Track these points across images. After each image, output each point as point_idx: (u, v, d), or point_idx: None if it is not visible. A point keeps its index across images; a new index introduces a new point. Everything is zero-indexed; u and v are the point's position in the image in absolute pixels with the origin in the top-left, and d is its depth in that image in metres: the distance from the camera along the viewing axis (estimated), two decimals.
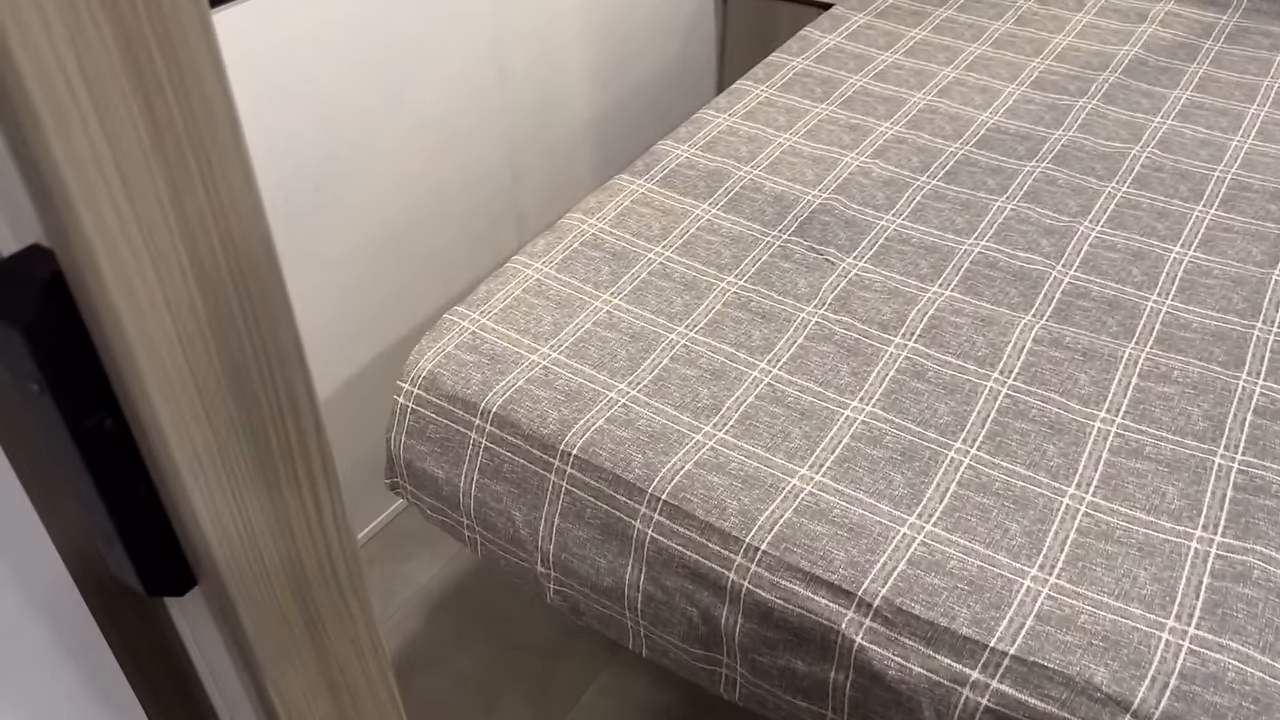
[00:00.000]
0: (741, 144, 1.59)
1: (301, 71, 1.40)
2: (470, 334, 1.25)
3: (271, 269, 0.53)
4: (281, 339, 0.58)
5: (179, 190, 0.42)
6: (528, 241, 2.01)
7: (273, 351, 0.57)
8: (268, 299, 0.52)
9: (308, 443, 0.61)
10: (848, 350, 1.21)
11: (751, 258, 1.36)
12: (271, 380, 0.57)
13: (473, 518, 1.19)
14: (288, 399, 0.58)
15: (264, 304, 0.53)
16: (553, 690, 1.57)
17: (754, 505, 1.03)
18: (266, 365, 0.56)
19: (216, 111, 0.42)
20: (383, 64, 1.53)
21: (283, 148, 1.41)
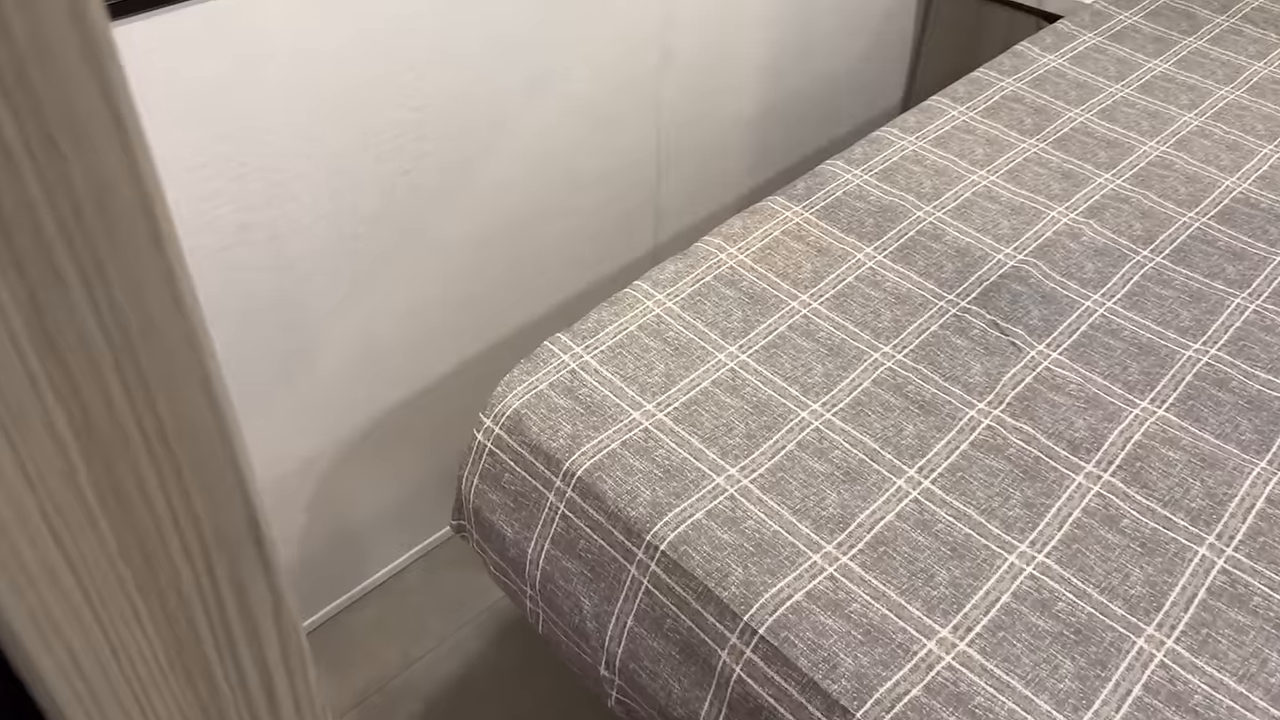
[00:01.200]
0: (927, 176, 1.34)
1: (434, 41, 1.23)
2: (568, 372, 1.06)
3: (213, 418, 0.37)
4: (223, 509, 0.41)
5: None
6: (664, 243, 1.81)
7: (206, 525, 0.40)
8: (203, 459, 0.36)
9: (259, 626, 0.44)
10: (1023, 472, 0.97)
11: (917, 325, 1.12)
12: (203, 558, 0.40)
13: (537, 590, 1.02)
14: (229, 581, 0.41)
15: (197, 465, 0.37)
16: None
17: (874, 669, 0.82)
18: (195, 541, 0.40)
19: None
20: (530, 36, 1.34)
21: (408, 119, 1.25)
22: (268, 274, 1.21)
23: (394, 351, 1.44)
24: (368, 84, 1.20)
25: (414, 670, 1.54)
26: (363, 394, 1.43)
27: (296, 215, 1.21)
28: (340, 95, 1.18)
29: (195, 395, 0.37)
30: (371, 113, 1.22)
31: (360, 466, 1.49)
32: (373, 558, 1.62)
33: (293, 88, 1.12)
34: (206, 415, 0.38)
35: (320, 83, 1.14)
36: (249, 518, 0.41)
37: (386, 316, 1.39)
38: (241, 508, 0.41)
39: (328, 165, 1.21)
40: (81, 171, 0.31)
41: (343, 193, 1.25)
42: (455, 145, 1.33)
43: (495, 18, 1.30)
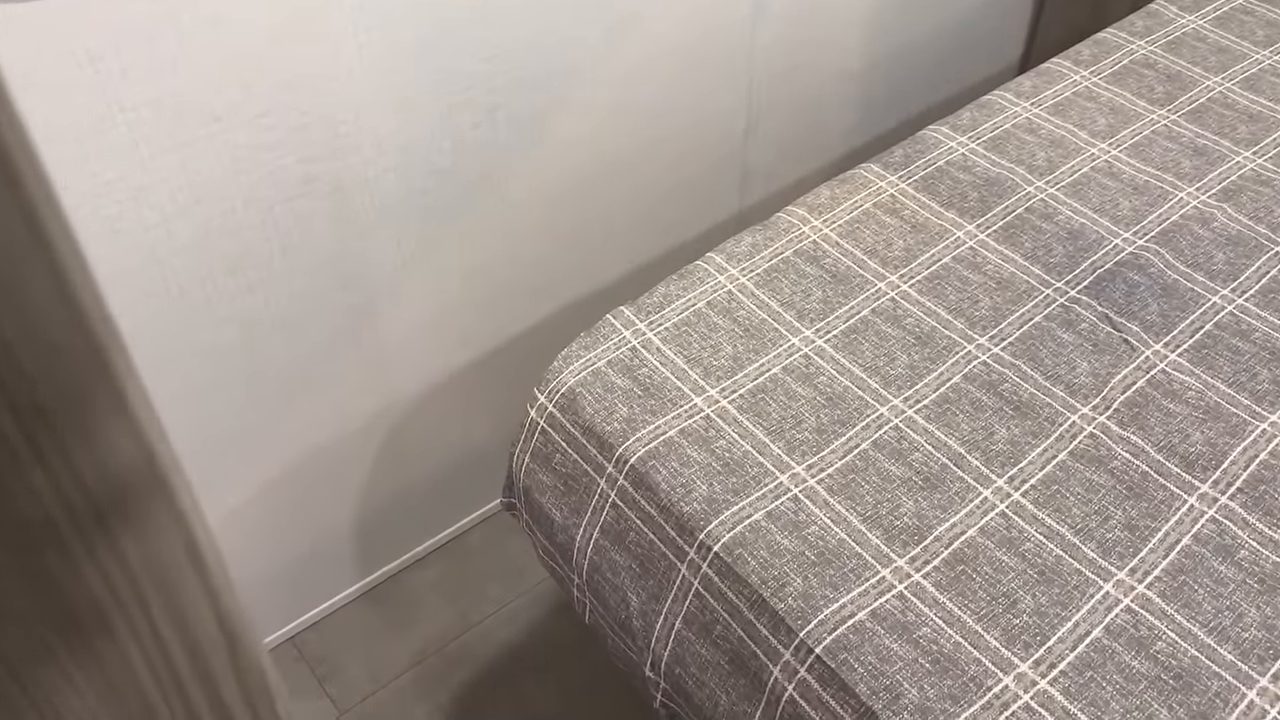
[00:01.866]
0: (1040, 148, 1.22)
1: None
2: (629, 349, 0.99)
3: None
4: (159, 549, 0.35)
5: None
6: (750, 207, 1.71)
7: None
8: None
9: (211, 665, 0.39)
10: (1128, 489, 0.86)
11: (1019, 315, 1.01)
12: None
13: (584, 580, 0.96)
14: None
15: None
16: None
17: (941, 704, 0.73)
18: None
19: None
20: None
21: (479, 70, 1.19)
22: (332, 227, 1.17)
23: (462, 310, 1.39)
24: (437, 33, 1.13)
25: (471, 634, 1.52)
26: (429, 352, 1.39)
27: (361, 168, 1.16)
28: (408, 45, 1.12)
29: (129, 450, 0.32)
30: (441, 63, 1.16)
31: (426, 426, 1.46)
32: (436, 517, 1.60)
33: (358, 35, 1.06)
34: (135, 452, 0.32)
35: (387, 30, 1.08)
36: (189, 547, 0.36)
37: (454, 274, 1.34)
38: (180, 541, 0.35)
39: (395, 117, 1.15)
40: None
41: (410, 146, 1.19)
42: (528, 97, 1.26)
43: None
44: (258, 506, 1.31)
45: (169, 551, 0.35)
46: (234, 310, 1.12)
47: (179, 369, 1.12)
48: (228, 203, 1.06)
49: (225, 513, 1.29)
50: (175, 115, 0.96)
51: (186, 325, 1.09)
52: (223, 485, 1.26)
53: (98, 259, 1.00)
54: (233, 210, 1.07)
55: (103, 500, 0.31)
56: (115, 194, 0.97)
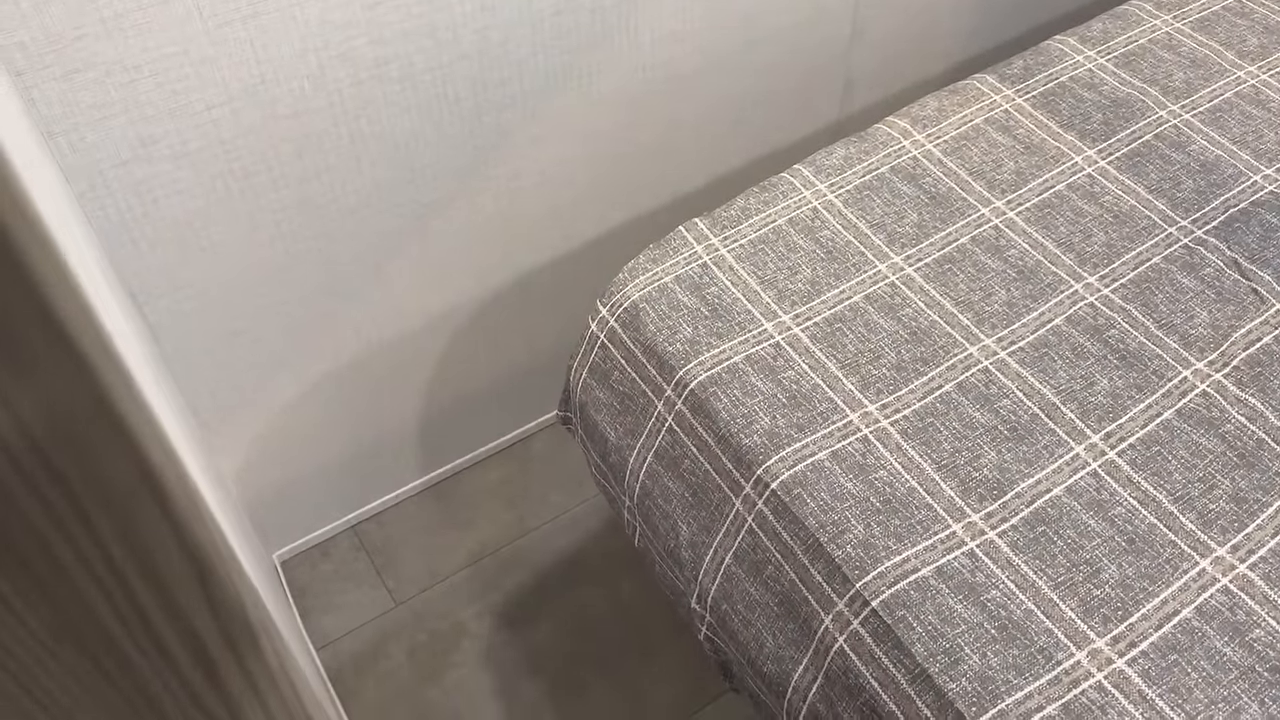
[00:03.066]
0: (1179, 67, 1.08)
1: None
2: (699, 265, 0.93)
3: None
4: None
5: None
6: (851, 115, 1.60)
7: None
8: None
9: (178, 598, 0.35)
10: (1239, 456, 0.77)
11: (1135, 255, 0.91)
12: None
13: (635, 503, 0.92)
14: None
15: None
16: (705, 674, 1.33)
17: (1004, 674, 0.68)
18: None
19: None
20: None
21: None
22: (402, 115, 1.12)
23: (533, 212, 1.34)
24: None
25: (529, 539, 1.51)
26: (500, 253, 1.34)
27: (435, 52, 1.10)
28: None
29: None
30: None
31: (493, 328, 1.43)
32: (500, 421, 1.58)
33: None
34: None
35: None
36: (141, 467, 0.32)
37: (528, 174, 1.28)
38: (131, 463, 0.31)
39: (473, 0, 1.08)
40: None
41: (487, 31, 1.12)
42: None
43: None
44: (324, 394, 1.30)
45: (120, 481, 0.30)
46: (300, 195, 1.09)
47: (245, 252, 1.10)
48: (295, 82, 1.01)
49: (293, 398, 1.28)
50: None
51: (253, 208, 1.07)
52: (292, 371, 1.25)
53: (158, 135, 0.97)
54: (301, 92, 1.02)
55: (42, 428, 0.27)
56: (179, 67, 0.93)
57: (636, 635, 1.37)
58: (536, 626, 1.40)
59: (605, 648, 1.36)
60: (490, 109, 1.18)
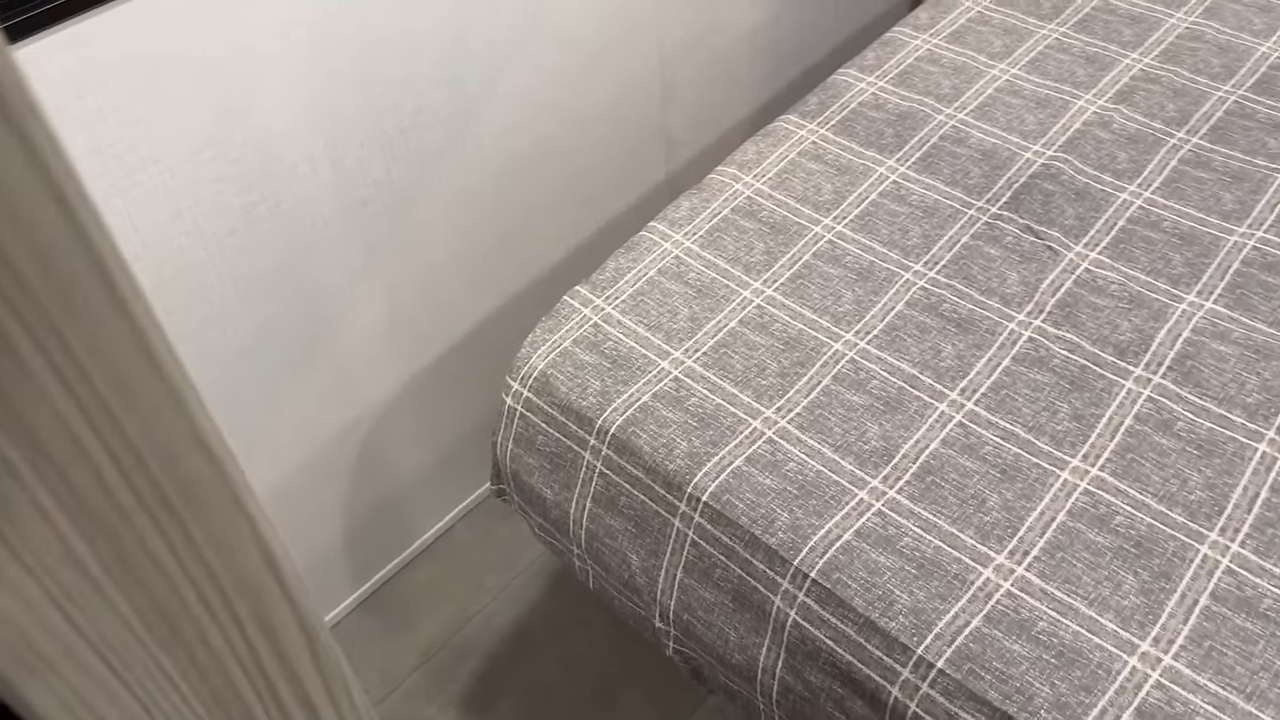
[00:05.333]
0: (944, 76, 1.28)
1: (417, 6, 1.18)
2: (592, 326, 1.03)
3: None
4: (238, 557, 0.39)
5: None
6: (677, 172, 1.76)
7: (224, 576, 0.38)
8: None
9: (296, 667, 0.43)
10: (1070, 383, 0.94)
11: (948, 238, 1.08)
12: (226, 610, 0.39)
13: (584, 549, 1.01)
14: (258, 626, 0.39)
15: (203, 521, 0.35)
16: (678, 687, 1.41)
17: (931, 603, 0.80)
18: (215, 594, 0.38)
19: None
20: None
21: (396, 76, 1.21)
22: (279, 251, 1.18)
23: (418, 313, 1.42)
24: (354, 45, 1.15)
25: (472, 625, 1.56)
26: (391, 359, 1.42)
27: (298, 188, 1.18)
28: (327, 60, 1.13)
29: (188, 451, 0.35)
30: (362, 74, 1.18)
31: (398, 431, 1.49)
32: (421, 518, 1.63)
33: (277, 58, 1.08)
34: (204, 468, 0.36)
35: (305, 50, 1.10)
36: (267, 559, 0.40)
37: (406, 279, 1.37)
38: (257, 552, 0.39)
39: (324, 134, 1.17)
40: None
41: (343, 160, 1.21)
42: (452, 94, 1.29)
43: None
44: None
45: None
46: (197, 345, 1.14)
47: None
48: (175, 241, 1.07)
49: None
50: (113, 162, 0.97)
51: None
52: None
53: None
54: (181, 249, 1.08)
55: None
56: None
57: (595, 688, 1.44)
58: (499, 706, 1.45)
59: (569, 707, 1.43)
60: (358, 228, 1.26)
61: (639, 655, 1.45)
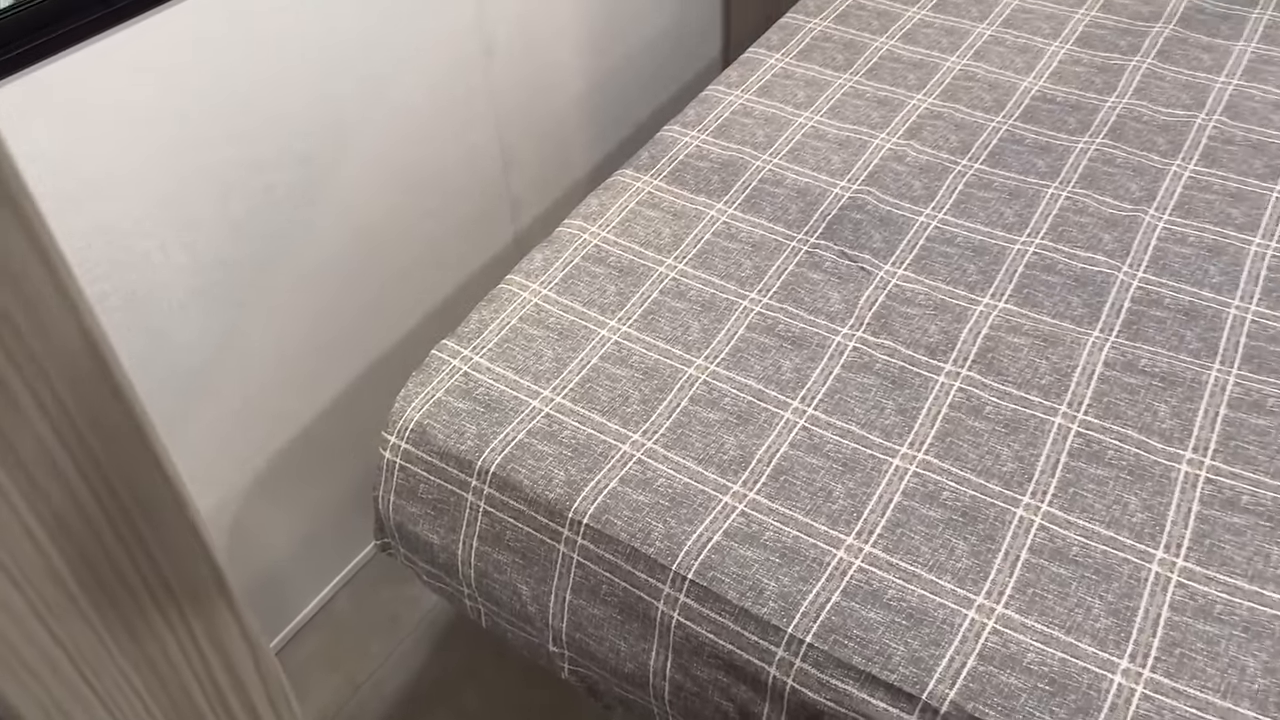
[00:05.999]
0: (758, 127, 1.42)
1: (256, 77, 1.22)
2: (462, 375, 1.10)
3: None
4: (191, 571, 0.44)
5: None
6: (524, 230, 1.84)
7: (179, 590, 0.43)
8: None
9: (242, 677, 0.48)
10: (892, 382, 1.06)
11: (776, 268, 1.20)
12: (183, 624, 0.44)
13: (474, 588, 1.06)
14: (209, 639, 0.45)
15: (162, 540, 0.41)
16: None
17: (795, 586, 0.89)
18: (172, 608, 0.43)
19: None
20: (353, 55, 1.35)
21: (243, 155, 1.25)
22: (135, 338, 1.19)
23: (282, 387, 1.44)
24: (200, 129, 1.19)
25: (362, 693, 1.56)
26: (256, 436, 1.42)
27: (151, 274, 1.19)
28: (170, 144, 1.17)
29: (148, 474, 0.41)
30: (209, 157, 1.21)
31: (268, 507, 1.49)
32: (300, 592, 1.62)
33: (118, 146, 1.10)
34: (162, 490, 0.41)
35: (147, 136, 1.13)
36: (215, 576, 0.45)
37: (263, 357, 1.39)
38: (207, 568, 0.44)
39: (172, 218, 1.20)
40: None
41: (196, 244, 1.24)
42: (299, 171, 1.34)
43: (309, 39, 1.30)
44: None
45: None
46: None
47: None
48: None
49: None
50: None
51: None
52: None
53: None
54: None
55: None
56: None
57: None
58: None
59: None
60: (214, 310, 1.28)
61: (531, 701, 1.49)
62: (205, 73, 1.17)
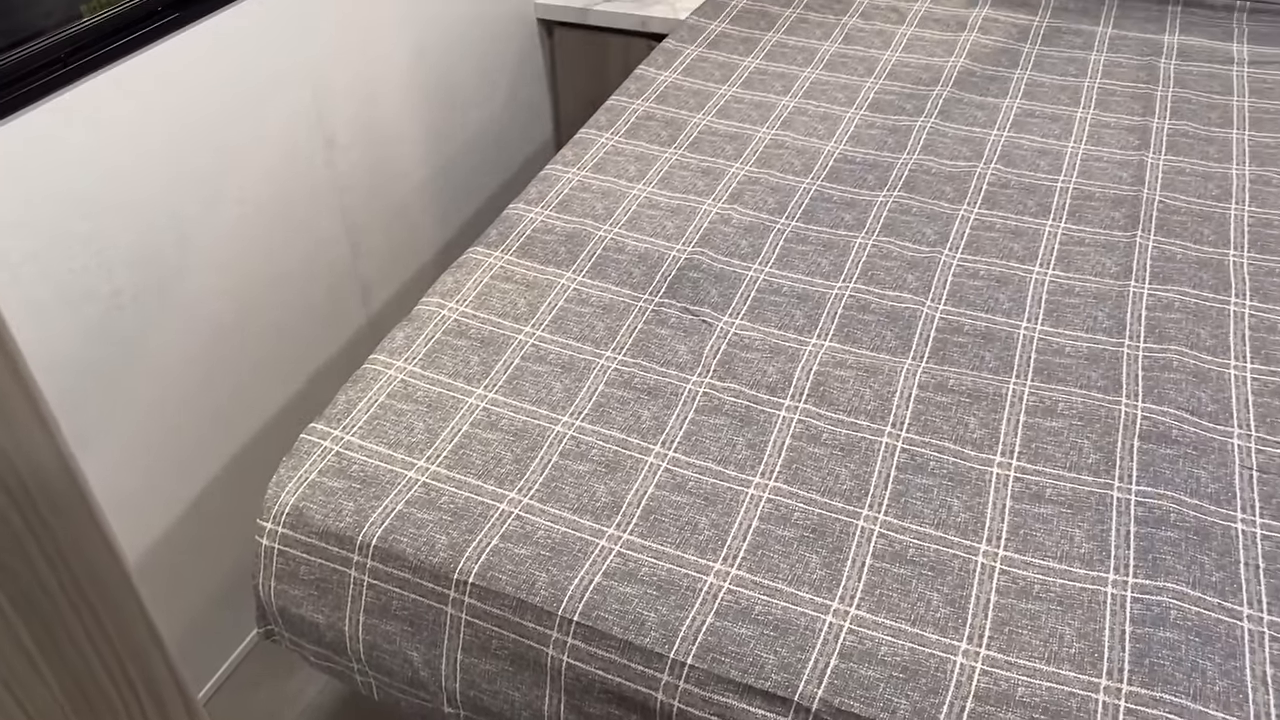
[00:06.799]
0: (596, 200, 1.53)
1: (103, 180, 1.24)
2: (334, 455, 1.13)
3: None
4: (132, 634, 0.49)
5: None
6: (377, 314, 1.88)
7: (123, 651, 0.48)
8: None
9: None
10: (740, 420, 1.17)
11: (626, 327, 1.30)
12: (127, 684, 0.48)
13: (364, 661, 1.08)
14: (149, 696, 0.49)
15: (107, 606, 0.45)
16: None
17: (673, 614, 0.97)
18: (118, 669, 0.48)
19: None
20: (195, 154, 1.38)
21: (93, 263, 1.25)
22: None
23: (144, 491, 1.42)
24: (44, 236, 1.19)
25: None
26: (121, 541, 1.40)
27: None
28: (20, 253, 1.16)
29: (94, 546, 0.45)
30: (54, 265, 1.21)
31: None
32: None
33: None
34: (105, 559, 0.46)
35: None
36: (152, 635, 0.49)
37: (127, 460, 1.37)
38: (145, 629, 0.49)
39: (24, 329, 1.19)
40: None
41: (48, 350, 1.23)
42: (147, 272, 1.35)
43: (150, 140, 1.33)
44: None
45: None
46: None
47: None
48: None
49: None
50: None
51: None
52: None
53: None
54: None
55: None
56: None
57: None
58: None
59: None
60: (72, 414, 1.27)
61: None
62: (47, 180, 1.18)
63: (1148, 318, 1.30)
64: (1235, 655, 0.93)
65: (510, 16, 2.17)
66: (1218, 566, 1.00)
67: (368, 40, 1.73)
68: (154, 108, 1.30)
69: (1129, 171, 1.58)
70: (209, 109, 1.39)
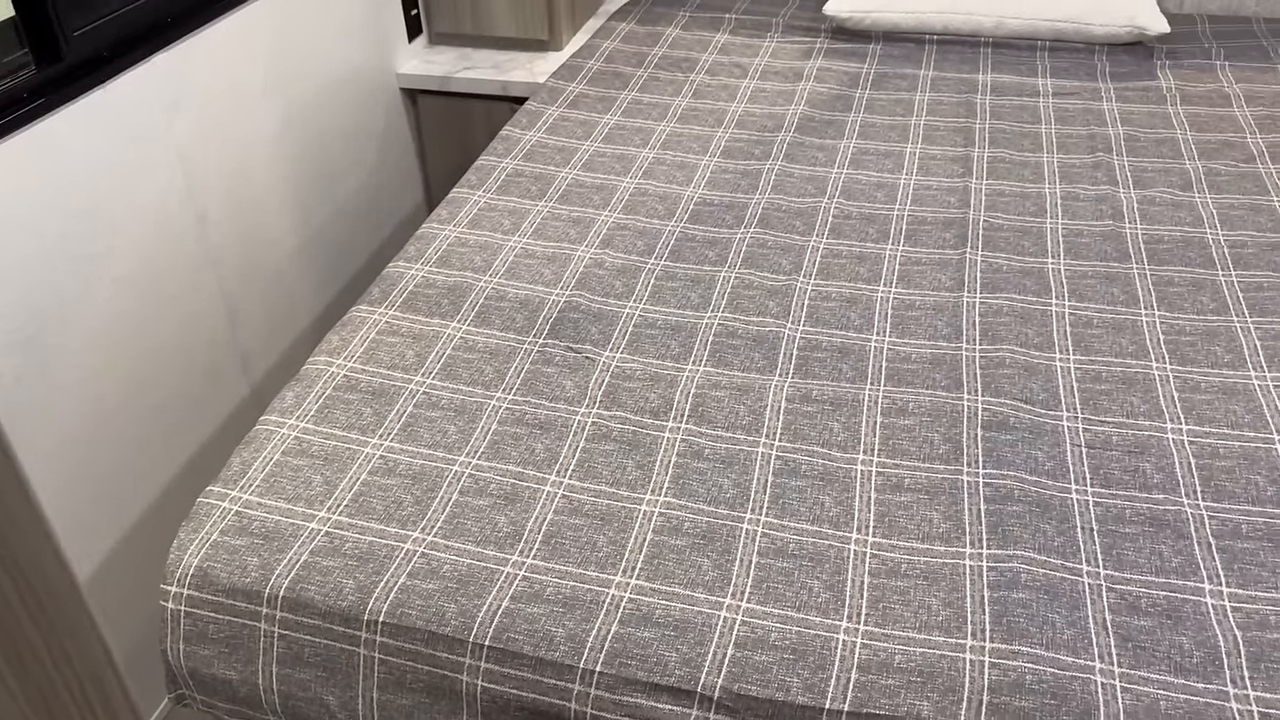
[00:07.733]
0: (474, 253, 1.60)
1: None
2: (234, 515, 1.15)
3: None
4: (85, 644, 0.53)
5: None
6: (259, 382, 1.89)
7: (76, 662, 0.53)
8: None
9: None
10: (628, 445, 1.24)
11: (514, 369, 1.36)
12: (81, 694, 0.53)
13: (280, 712, 1.10)
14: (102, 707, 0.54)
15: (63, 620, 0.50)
16: None
17: (580, 627, 1.03)
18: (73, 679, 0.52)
19: None
20: (64, 238, 1.39)
21: None
22: None
23: None
24: None
25: None
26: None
27: None
28: None
29: (50, 564, 0.50)
30: None
31: None
32: None
33: None
34: (60, 577, 0.51)
35: None
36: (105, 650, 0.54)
37: None
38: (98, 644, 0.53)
39: None
40: None
41: None
42: (26, 354, 1.34)
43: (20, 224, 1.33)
44: None
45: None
46: None
47: None
48: None
49: None
50: None
51: None
52: None
53: None
54: None
55: None
56: None
57: None
58: None
59: None
60: None
61: None
62: None
63: (981, 323, 1.45)
64: (1079, 606, 1.05)
65: (374, 86, 2.24)
66: (1058, 532, 1.13)
67: (235, 115, 1.76)
68: (27, 190, 1.31)
69: (956, 196, 1.75)
70: (81, 192, 1.41)
